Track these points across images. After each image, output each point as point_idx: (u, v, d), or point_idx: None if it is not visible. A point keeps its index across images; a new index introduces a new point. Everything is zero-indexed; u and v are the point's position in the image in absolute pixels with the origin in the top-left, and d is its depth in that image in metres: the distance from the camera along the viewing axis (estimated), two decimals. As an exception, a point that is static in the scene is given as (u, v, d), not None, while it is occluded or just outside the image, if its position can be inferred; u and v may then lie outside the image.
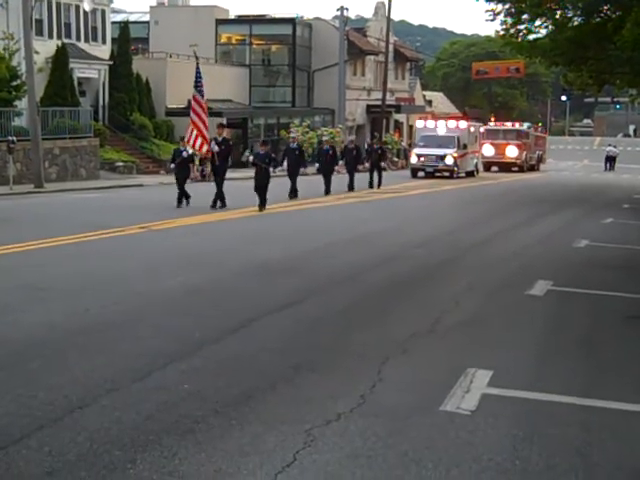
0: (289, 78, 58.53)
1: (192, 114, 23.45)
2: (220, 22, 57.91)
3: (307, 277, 12.38)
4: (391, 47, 62.09)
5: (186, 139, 23.47)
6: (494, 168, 54.42)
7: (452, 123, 46.80)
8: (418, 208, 26.57)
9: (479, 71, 78.27)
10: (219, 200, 22.54)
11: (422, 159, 43.52)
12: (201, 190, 24.26)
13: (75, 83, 41.34)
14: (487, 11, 29.01)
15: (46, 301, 10.13)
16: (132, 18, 58.33)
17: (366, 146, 36.47)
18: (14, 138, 30.82)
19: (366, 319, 9.76)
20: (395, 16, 78.24)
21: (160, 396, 6.57)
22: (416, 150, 45.21)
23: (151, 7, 60.62)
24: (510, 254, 15.68)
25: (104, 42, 45.71)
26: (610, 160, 65.26)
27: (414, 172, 44.22)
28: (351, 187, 31.03)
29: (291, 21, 58.14)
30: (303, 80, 58.98)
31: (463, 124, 46.95)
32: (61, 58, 40.36)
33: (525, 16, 28.74)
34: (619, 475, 5.55)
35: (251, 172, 23.63)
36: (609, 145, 70.29)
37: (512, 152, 54.44)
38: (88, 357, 7.62)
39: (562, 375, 7.64)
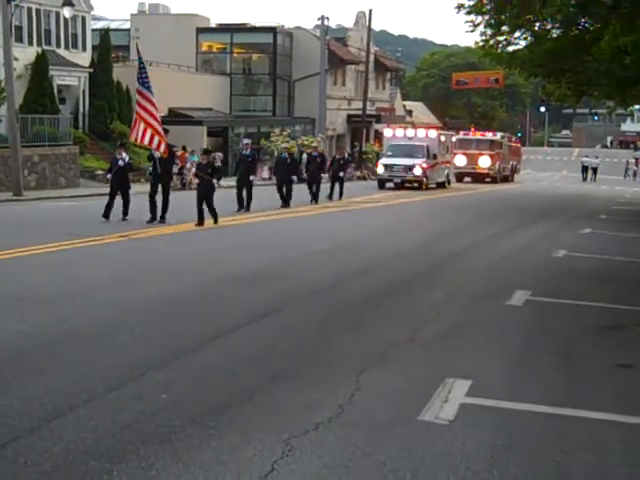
0: (270, 87, 58.64)
1: (138, 108, 20.83)
2: (201, 30, 57.99)
3: (285, 287, 12.36)
4: (372, 57, 62.40)
5: (133, 137, 21.22)
6: (467, 179, 52.86)
7: (422, 132, 44.97)
8: (391, 219, 26.60)
9: (459, 81, 78.66)
10: (157, 212, 21.03)
11: (390, 169, 41.45)
12: (180, 199, 24.14)
13: (55, 90, 41.19)
14: (467, 22, 29.11)
15: (22, 310, 10.05)
16: (113, 25, 58.23)
17: (346, 155, 35.55)
18: (-8, 145, 30.67)
19: (345, 329, 9.76)
20: (376, 26, 78.21)
21: (137, 406, 6.54)
22: (383, 160, 43.04)
23: (132, 15, 60.63)
24: (488, 264, 15.74)
25: (84, 49, 45.62)
26: (587, 170, 65.59)
27: (381, 183, 41.95)
28: (314, 198, 29.47)
29: (272, 30, 58.26)
30: (284, 89, 59.07)
31: (433, 133, 45.07)
32: (41, 65, 40.23)
33: (504, 28, 28.87)
34: (595, 485, 5.58)
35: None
36: (585, 156, 70.80)
37: (485, 162, 52.57)
38: (64, 366, 7.57)
39: (540, 385, 7.67)
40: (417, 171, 40.84)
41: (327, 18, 54.69)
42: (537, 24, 28.75)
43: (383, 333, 9.51)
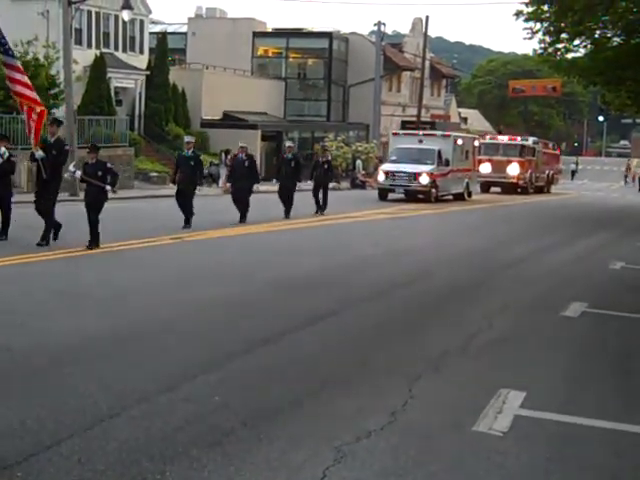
0: (324, 92, 58.71)
1: (10, 84, 16.75)
2: (257, 35, 58.26)
3: (337, 292, 12.32)
4: (427, 63, 62.13)
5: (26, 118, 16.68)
6: (495, 189, 46.78)
7: (433, 134, 38.37)
8: (410, 232, 26.33)
9: (515, 89, 78.06)
10: (46, 232, 15.64)
11: (392, 178, 34.73)
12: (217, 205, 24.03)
13: (112, 92, 41.70)
14: (525, 29, 28.90)
15: (79, 309, 10.19)
16: (170, 29, 58.83)
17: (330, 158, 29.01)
18: (51, 145, 31.01)
19: (398, 336, 9.69)
20: (432, 32, 77.79)
21: (189, 407, 6.55)
22: (385, 166, 36.45)
23: (189, 18, 61.21)
24: (544, 275, 15.51)
25: (142, 52, 46.15)
26: None
27: (382, 194, 35.17)
28: (287, 212, 24.08)
29: (328, 35, 58.37)
30: (338, 94, 59.11)
31: (447, 136, 38.06)
32: (99, 67, 40.77)
33: (564, 35, 28.60)
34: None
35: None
36: None
37: (513, 170, 46.17)
38: (118, 366, 7.63)
39: (596, 399, 7.52)
40: (424, 180, 34.27)
41: (383, 24, 54.56)
42: (598, 32, 28.40)
43: (436, 341, 9.42)
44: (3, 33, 16.35)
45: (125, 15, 33.66)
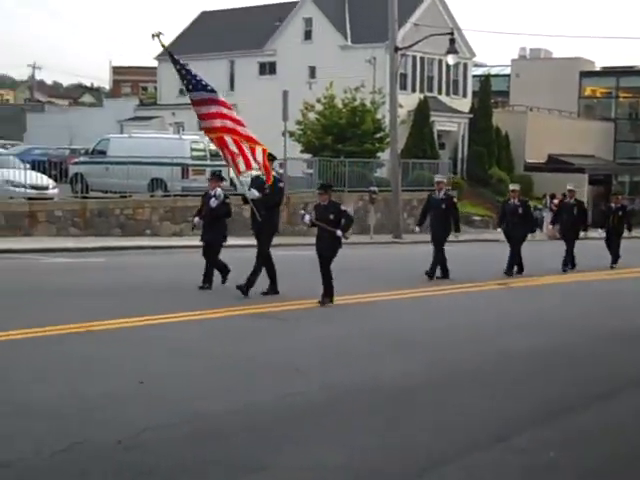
0: (659, 132, 55.68)
1: (223, 122, 13.87)
2: (584, 74, 56.58)
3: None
4: None
5: (233, 165, 14.11)
6: None
7: None
8: None
9: None
10: (270, 284, 14.08)
11: None
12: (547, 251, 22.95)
13: (435, 136, 42.25)
14: None
15: (404, 352, 10.13)
16: (493, 71, 58.74)
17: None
18: (376, 189, 31.73)
19: None
20: None
21: (522, 460, 6.25)
22: None
23: (512, 60, 60.78)
24: None
25: (465, 95, 46.49)
26: None
27: None
28: (567, 264, 20.88)
29: (662, 72, 55.43)
30: (676, 135, 55.78)
31: None
32: (423, 111, 41.64)
33: None
34: None
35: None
36: None
37: None
38: (445, 412, 7.44)
39: None
40: None
41: None
42: None
43: None
44: (191, 71, 14.13)
45: (450, 59, 33.78)
